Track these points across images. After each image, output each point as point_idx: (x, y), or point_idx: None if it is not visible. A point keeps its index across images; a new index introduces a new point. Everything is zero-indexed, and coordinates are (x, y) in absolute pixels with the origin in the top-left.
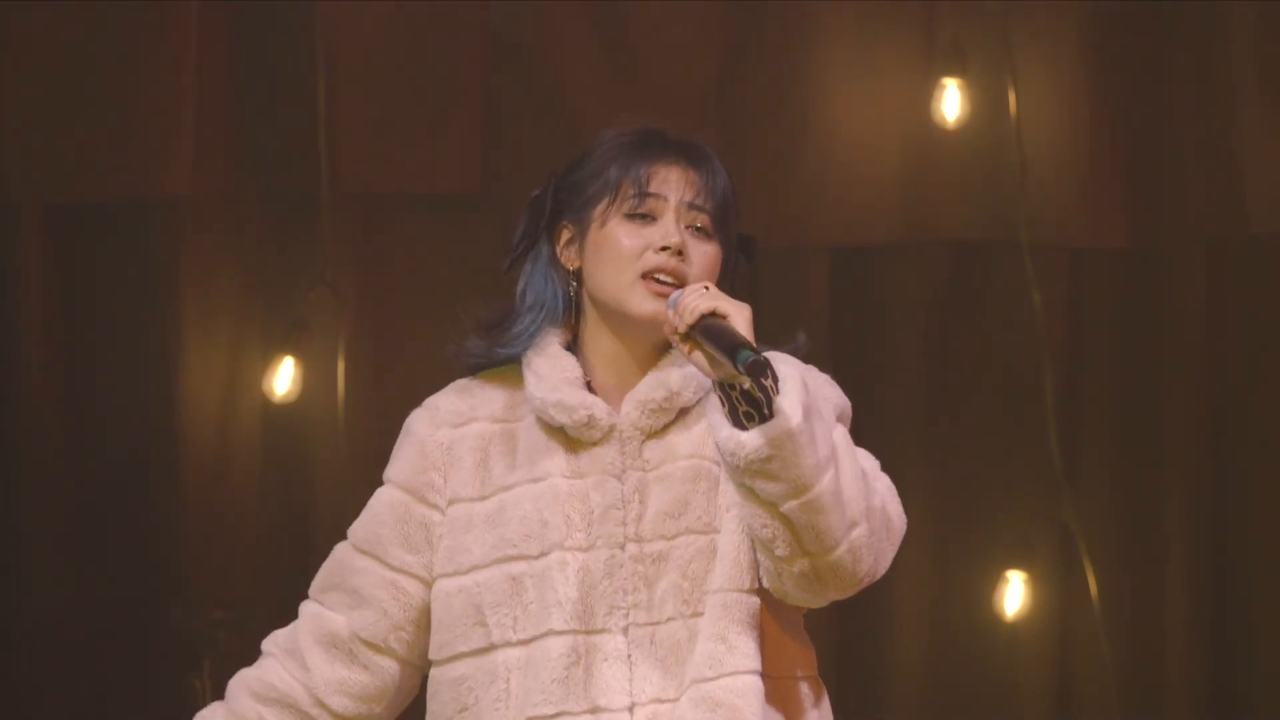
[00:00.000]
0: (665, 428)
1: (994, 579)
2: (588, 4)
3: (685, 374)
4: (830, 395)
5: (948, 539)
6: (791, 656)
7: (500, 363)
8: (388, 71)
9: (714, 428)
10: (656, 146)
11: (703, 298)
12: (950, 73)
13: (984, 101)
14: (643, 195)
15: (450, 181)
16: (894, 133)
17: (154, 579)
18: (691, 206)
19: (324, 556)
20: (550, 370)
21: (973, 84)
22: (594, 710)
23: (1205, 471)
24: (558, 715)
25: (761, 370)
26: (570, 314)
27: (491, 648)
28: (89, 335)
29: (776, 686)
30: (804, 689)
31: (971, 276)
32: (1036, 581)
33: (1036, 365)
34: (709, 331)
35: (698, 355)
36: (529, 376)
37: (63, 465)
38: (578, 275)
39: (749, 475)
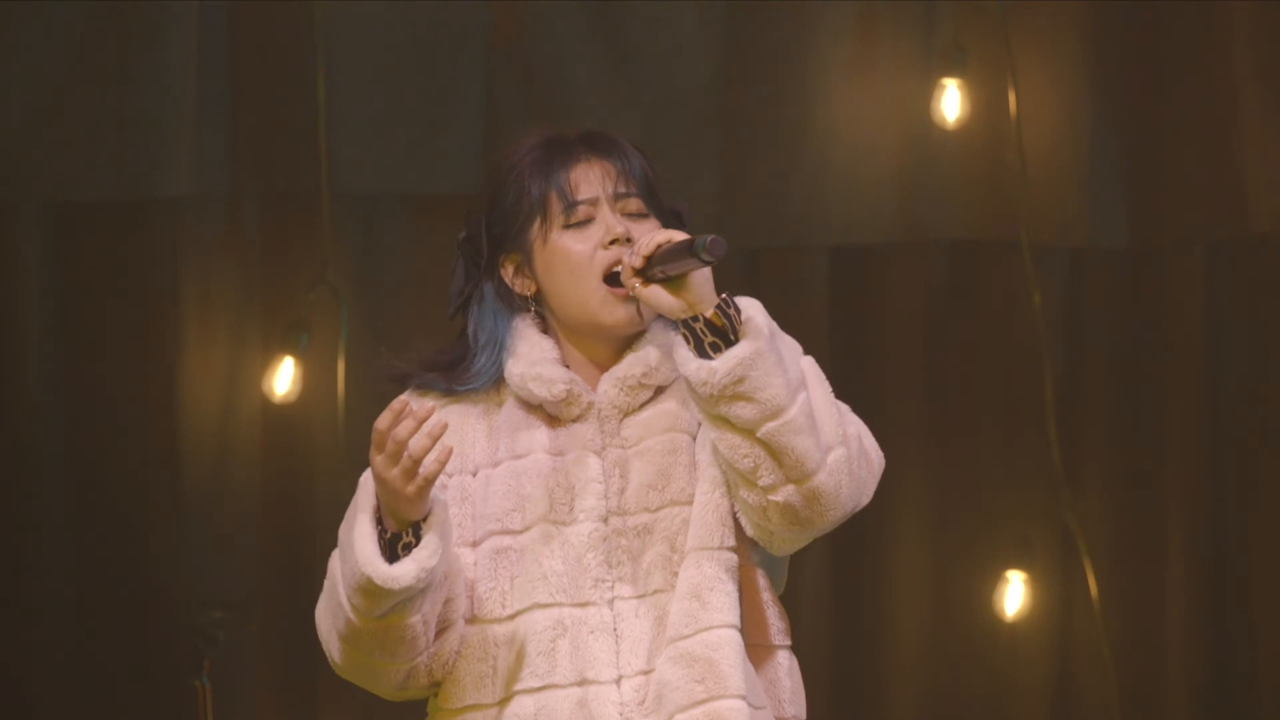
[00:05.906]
0: (642, 406)
1: (994, 579)
2: (588, 4)
3: (662, 353)
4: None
5: (948, 539)
6: (764, 625)
7: (461, 393)
8: (388, 71)
9: (681, 364)
10: (566, 151)
11: (655, 234)
12: (950, 73)
13: (984, 101)
14: (572, 203)
15: (450, 181)
16: (894, 133)
17: (154, 579)
18: (620, 196)
19: (324, 556)
20: (529, 350)
21: (973, 84)
22: (581, 683)
23: (1205, 472)
24: (545, 688)
25: (722, 248)
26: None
27: (475, 620)
28: (89, 335)
29: (750, 654)
30: (777, 658)
31: (971, 276)
32: (1036, 581)
33: (1036, 365)
34: (666, 253)
35: (655, 290)
36: (506, 359)
37: (62, 465)
38: (537, 298)
39: (724, 402)
